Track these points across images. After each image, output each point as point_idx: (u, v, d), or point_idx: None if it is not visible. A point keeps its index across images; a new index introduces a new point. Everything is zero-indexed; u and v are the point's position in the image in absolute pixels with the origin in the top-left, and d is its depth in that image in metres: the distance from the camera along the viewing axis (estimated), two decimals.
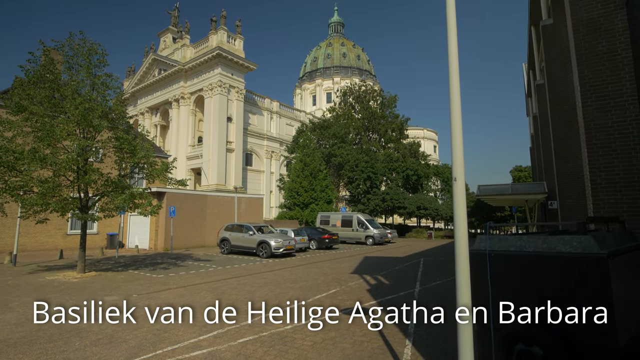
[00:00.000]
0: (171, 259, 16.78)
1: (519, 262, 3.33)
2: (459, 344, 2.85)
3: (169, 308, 7.56)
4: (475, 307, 3.44)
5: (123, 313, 7.05)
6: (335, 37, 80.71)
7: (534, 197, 18.51)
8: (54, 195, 11.64)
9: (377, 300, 8.30)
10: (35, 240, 20.70)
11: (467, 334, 2.80)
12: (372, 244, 27.04)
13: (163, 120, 47.76)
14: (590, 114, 6.29)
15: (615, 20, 6.35)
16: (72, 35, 12.24)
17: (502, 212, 42.78)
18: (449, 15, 3.14)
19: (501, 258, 3.41)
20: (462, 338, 2.81)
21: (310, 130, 42.07)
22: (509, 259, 3.38)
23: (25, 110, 11.38)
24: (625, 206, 5.87)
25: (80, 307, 7.68)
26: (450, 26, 3.10)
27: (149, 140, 14.08)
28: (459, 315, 2.85)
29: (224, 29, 40.62)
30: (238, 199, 27.70)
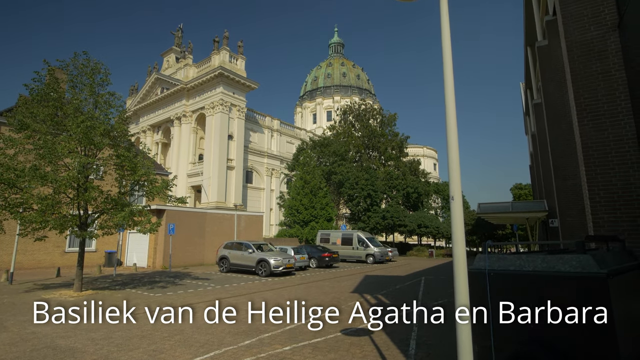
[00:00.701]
0: (169, 278, 16.60)
1: (519, 281, 3.31)
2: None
3: (165, 328, 7.46)
4: (475, 327, 3.39)
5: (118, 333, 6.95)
6: (335, 57, 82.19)
7: (534, 216, 18.44)
8: (54, 212, 11.63)
9: (377, 320, 8.16)
10: (32, 258, 20.53)
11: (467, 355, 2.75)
12: (373, 263, 26.77)
13: (164, 138, 48.13)
14: (586, 133, 6.35)
15: (608, 42, 6.49)
16: (76, 55, 12.50)
17: (504, 230, 42.51)
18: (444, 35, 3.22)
19: (501, 277, 3.39)
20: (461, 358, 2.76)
21: (311, 148, 42.31)
22: (508, 278, 3.36)
23: (28, 127, 11.51)
24: (625, 225, 5.85)
25: (75, 326, 7.57)
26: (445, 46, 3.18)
27: (149, 158, 14.17)
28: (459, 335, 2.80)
29: (227, 49, 41.44)
30: (238, 217, 27.60)
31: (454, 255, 2.97)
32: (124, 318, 8.36)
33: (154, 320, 8.09)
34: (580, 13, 6.78)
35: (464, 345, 2.77)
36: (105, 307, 9.62)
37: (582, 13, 6.77)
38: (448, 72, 3.10)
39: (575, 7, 6.85)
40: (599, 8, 6.63)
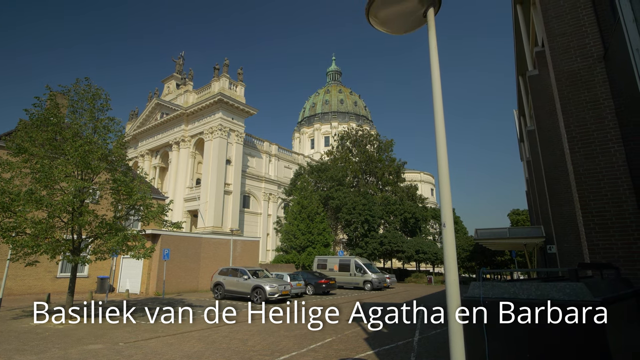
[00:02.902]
0: (162, 305, 16.21)
1: (514, 309, 3.27)
2: None
3: (155, 358, 7.23)
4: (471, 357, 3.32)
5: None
6: (332, 84, 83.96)
7: (532, 242, 18.35)
8: (46, 237, 11.49)
9: (374, 350, 7.96)
10: (22, 283, 20.08)
11: None
12: (371, 289, 26.30)
13: (162, 162, 48.29)
14: (578, 161, 6.44)
15: (594, 72, 6.71)
16: (78, 81, 12.75)
17: (502, 256, 42.13)
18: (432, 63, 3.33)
19: (495, 305, 3.35)
20: None
21: (308, 173, 42.46)
22: (503, 307, 3.31)
23: (26, 151, 11.56)
24: (620, 252, 5.84)
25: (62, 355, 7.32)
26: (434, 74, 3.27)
27: (146, 182, 14.15)
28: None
29: (226, 76, 42.32)
30: (234, 242, 27.32)
31: (446, 283, 2.95)
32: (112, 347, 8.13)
33: (144, 350, 7.85)
34: (567, 45, 7.04)
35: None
36: (94, 335, 9.37)
37: (568, 45, 7.03)
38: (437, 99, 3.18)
39: (561, 39, 7.12)
40: (585, 40, 6.89)
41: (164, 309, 14.71)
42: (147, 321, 11.70)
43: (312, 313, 13.89)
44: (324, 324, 11.28)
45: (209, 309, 14.82)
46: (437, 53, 3.21)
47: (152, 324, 11.12)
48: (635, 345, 3.36)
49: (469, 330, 3.34)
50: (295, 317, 12.73)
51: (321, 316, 13.03)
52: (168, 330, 10.20)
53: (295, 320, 12.18)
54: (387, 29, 3.40)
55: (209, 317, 12.69)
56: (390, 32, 3.44)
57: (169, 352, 7.72)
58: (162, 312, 13.67)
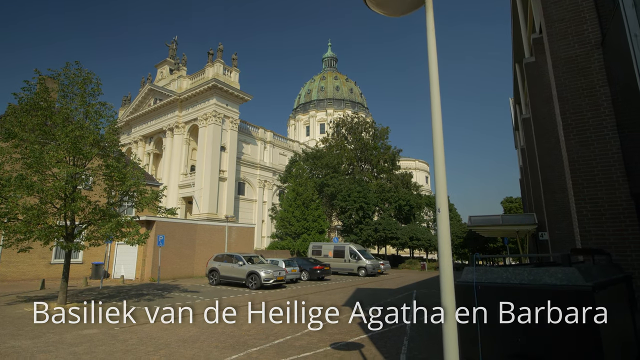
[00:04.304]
0: (157, 290, 16.28)
1: (506, 294, 3.30)
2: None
3: (151, 342, 7.28)
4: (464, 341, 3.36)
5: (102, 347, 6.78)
6: (328, 71, 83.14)
7: (524, 229, 18.57)
8: (39, 222, 11.39)
9: (368, 334, 8.07)
10: (16, 269, 20.02)
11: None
12: (365, 275, 26.60)
13: (156, 149, 47.85)
14: (572, 148, 6.46)
15: (592, 59, 6.67)
16: (68, 65, 12.46)
17: (495, 243, 42.70)
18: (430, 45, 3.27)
19: (488, 290, 3.38)
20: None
21: (303, 160, 42.37)
22: (495, 291, 3.35)
23: (16, 136, 11.36)
24: (611, 238, 5.91)
25: (57, 340, 7.35)
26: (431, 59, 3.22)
27: (140, 169, 14.01)
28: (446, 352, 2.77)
29: (221, 61, 41.67)
30: (229, 229, 27.35)
31: (440, 268, 2.96)
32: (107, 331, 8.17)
33: (139, 334, 7.90)
34: (565, 31, 6.97)
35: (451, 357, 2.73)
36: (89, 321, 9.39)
37: (566, 31, 6.97)
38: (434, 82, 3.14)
39: (559, 25, 7.05)
40: (583, 26, 6.83)
41: (160, 294, 14.77)
42: (142, 307, 11.74)
43: (307, 299, 14.03)
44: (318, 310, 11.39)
45: (204, 294, 14.91)
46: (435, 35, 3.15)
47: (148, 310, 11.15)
48: (624, 327, 3.42)
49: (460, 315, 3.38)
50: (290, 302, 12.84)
51: (316, 302, 13.16)
52: None
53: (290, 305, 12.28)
54: (384, 10, 3.32)
55: (204, 302, 12.77)
56: (387, 13, 3.36)
57: (164, 336, 7.77)
58: (157, 298, 13.73)
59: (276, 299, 13.78)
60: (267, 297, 14.30)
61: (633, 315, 3.66)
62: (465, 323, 3.41)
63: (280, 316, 10.31)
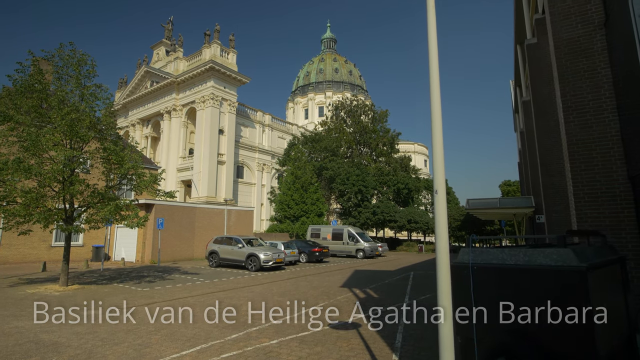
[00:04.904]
0: (158, 272, 16.47)
1: (501, 274, 3.34)
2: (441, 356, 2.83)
3: (151, 323, 7.41)
4: (459, 319, 3.44)
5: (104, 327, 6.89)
6: (327, 52, 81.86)
7: (521, 211, 18.70)
8: (38, 206, 11.42)
9: (365, 314, 8.22)
10: (17, 252, 20.18)
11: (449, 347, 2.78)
12: (363, 258, 26.91)
13: (154, 132, 47.52)
14: (572, 130, 6.44)
15: (594, 40, 6.57)
16: (62, 46, 12.23)
17: (492, 226, 43.03)
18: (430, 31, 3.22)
19: (484, 271, 3.42)
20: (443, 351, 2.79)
21: (302, 144, 42.21)
22: (491, 272, 3.39)
23: (11, 119, 11.26)
24: (607, 220, 5.96)
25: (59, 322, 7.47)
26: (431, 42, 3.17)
27: (137, 152, 13.95)
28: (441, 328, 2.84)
29: (218, 42, 40.96)
30: (228, 212, 27.47)
31: (436, 249, 2.99)
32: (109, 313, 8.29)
33: (140, 315, 8.03)
34: (568, 11, 6.85)
35: (446, 336, 2.80)
36: (90, 302, 9.54)
37: (569, 11, 6.84)
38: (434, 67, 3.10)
39: (563, 5, 6.91)
40: (586, 7, 6.71)
41: (160, 276, 14.95)
42: (144, 288, 11.90)
43: (306, 280, 14.23)
44: (316, 290, 11.58)
45: (204, 276, 15.10)
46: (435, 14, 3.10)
47: (149, 291, 11.32)
48: (616, 306, 3.49)
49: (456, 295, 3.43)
50: (288, 284, 13.04)
51: (314, 282, 13.36)
52: (164, 296, 10.40)
53: (289, 286, 12.47)
54: None
55: (205, 284, 12.95)
56: None
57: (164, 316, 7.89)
58: (158, 279, 13.91)
59: (275, 281, 13.98)
60: (266, 279, 14.49)
61: (625, 295, 3.72)
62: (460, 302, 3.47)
63: (279, 298, 10.49)
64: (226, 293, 11.04)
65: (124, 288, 11.97)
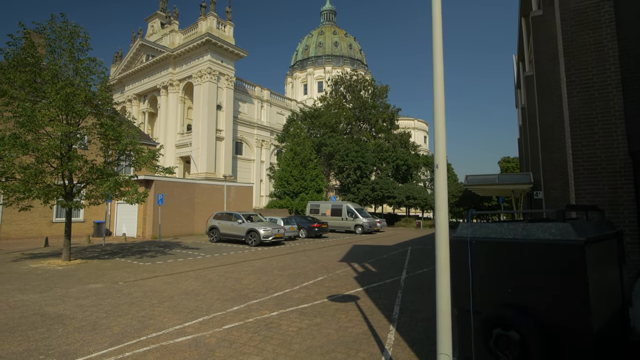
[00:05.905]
0: (159, 247, 16.68)
1: (500, 248, 3.38)
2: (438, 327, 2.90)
3: (155, 295, 7.56)
4: (456, 292, 3.50)
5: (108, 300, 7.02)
6: (327, 25, 79.77)
7: (520, 188, 18.77)
8: (37, 182, 11.41)
9: (363, 288, 8.39)
10: (19, 228, 20.34)
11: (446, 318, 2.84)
12: (361, 233, 27.22)
13: (151, 108, 46.94)
14: (575, 105, 6.36)
15: (602, 12, 6.38)
16: (53, 17, 11.86)
17: (490, 202, 43.34)
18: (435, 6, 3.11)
19: (482, 245, 3.45)
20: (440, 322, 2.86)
21: (301, 120, 41.82)
22: (489, 246, 3.42)
23: (6, 94, 11.07)
24: (606, 196, 5.98)
25: (64, 294, 7.61)
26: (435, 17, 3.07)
27: (135, 127, 13.82)
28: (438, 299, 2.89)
29: (214, 14, 39.81)
30: (227, 188, 27.53)
31: (436, 223, 3.01)
32: (112, 286, 8.44)
33: (143, 288, 8.18)
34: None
35: (443, 308, 2.86)
36: (94, 275, 9.69)
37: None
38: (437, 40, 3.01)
39: None
40: None
41: (162, 251, 15.15)
42: (145, 262, 12.08)
43: (305, 255, 14.44)
44: (315, 265, 11.77)
45: (205, 251, 15.30)
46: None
47: (151, 265, 11.50)
48: (612, 279, 3.54)
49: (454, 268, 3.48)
50: (288, 258, 13.24)
51: (314, 257, 13.56)
52: (166, 270, 10.57)
53: (288, 261, 12.67)
54: None
55: (206, 258, 13.14)
56: None
57: (167, 289, 8.05)
58: (159, 254, 14.10)
59: (275, 255, 14.18)
60: (266, 254, 14.70)
61: (621, 269, 3.78)
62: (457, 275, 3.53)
63: (279, 272, 10.66)
64: (227, 267, 11.22)
65: (126, 262, 12.14)
